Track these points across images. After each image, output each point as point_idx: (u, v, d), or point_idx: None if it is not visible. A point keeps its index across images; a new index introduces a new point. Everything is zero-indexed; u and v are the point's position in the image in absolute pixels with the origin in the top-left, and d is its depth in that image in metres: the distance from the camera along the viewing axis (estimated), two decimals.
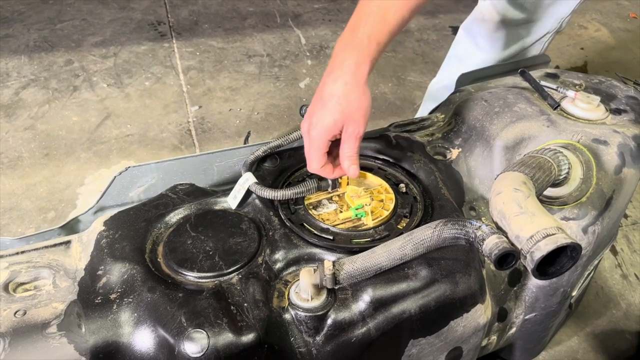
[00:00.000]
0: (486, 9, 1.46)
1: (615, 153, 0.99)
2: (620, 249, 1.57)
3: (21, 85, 2.12)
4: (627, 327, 1.37)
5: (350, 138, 0.90)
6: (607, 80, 1.21)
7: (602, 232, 1.00)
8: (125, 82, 2.17)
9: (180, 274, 0.86)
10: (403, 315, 0.84)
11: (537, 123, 1.04)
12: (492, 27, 1.46)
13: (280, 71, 2.29)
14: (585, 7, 2.89)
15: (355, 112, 0.89)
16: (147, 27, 2.57)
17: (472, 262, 0.88)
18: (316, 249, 0.89)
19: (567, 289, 1.04)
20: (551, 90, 1.13)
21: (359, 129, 0.89)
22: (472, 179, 1.06)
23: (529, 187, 0.78)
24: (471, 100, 1.12)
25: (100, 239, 0.91)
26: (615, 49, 2.59)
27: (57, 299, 0.83)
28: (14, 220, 1.57)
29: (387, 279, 0.83)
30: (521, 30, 1.46)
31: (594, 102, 1.08)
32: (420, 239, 0.79)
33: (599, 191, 0.97)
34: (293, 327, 0.81)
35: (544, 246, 0.68)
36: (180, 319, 0.78)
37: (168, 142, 1.88)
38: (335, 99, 0.88)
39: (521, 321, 1.07)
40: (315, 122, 0.89)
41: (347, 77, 0.88)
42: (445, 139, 1.12)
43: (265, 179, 1.01)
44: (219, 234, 0.92)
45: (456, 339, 0.91)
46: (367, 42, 0.90)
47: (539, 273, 0.71)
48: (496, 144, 1.04)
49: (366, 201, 0.96)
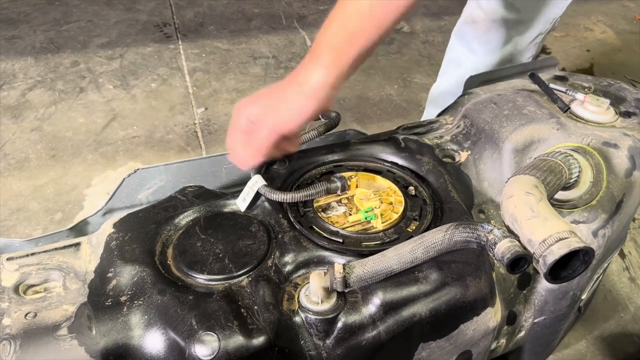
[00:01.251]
0: (475, 11, 1.46)
1: (625, 156, 0.98)
2: (628, 251, 1.57)
3: (28, 86, 2.13)
4: (636, 330, 1.37)
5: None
6: (616, 82, 1.21)
7: (612, 236, 1.00)
8: (132, 83, 2.18)
9: (190, 276, 0.86)
10: (413, 319, 0.83)
11: (546, 126, 1.03)
12: (483, 30, 1.46)
13: (286, 73, 2.29)
14: (591, 9, 2.89)
15: None
16: (152, 28, 2.58)
17: (483, 265, 0.88)
18: (326, 251, 0.89)
19: (577, 292, 1.03)
20: (560, 92, 1.13)
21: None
22: (481, 182, 1.06)
23: (541, 190, 0.78)
24: (480, 102, 1.12)
25: (110, 241, 0.91)
26: (622, 50, 2.59)
27: (67, 301, 0.83)
28: (22, 222, 1.57)
29: (398, 282, 0.83)
30: (513, 32, 1.46)
31: (603, 105, 1.08)
32: (432, 242, 0.79)
33: (609, 194, 0.97)
34: (303, 330, 0.81)
35: (556, 250, 0.68)
36: (191, 322, 0.77)
37: (174, 143, 1.89)
38: None
39: (530, 324, 1.06)
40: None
41: None
42: (454, 141, 1.11)
43: (275, 181, 1.01)
44: (229, 236, 0.92)
45: (466, 342, 0.91)
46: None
47: (551, 277, 0.70)
48: (505, 146, 1.03)
49: (375, 204, 0.96)
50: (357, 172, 1.04)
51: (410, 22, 2.73)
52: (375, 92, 2.20)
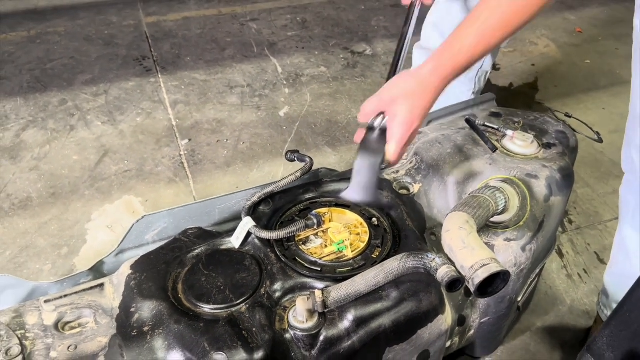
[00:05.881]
0: (422, 37, 1.62)
1: (544, 185, 1.22)
2: (566, 251, 1.82)
3: (21, 127, 2.29)
4: (572, 320, 1.61)
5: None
6: (541, 116, 1.44)
7: (537, 249, 1.23)
8: (118, 118, 2.35)
9: (199, 307, 1.05)
10: (380, 329, 1.05)
11: (481, 161, 1.26)
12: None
13: (261, 101, 2.50)
14: (535, 24, 3.15)
15: None
16: (132, 62, 2.75)
17: (433, 282, 1.09)
18: (307, 279, 1.09)
19: (513, 296, 1.26)
20: (493, 130, 1.36)
21: None
22: (432, 209, 1.28)
23: (471, 224, 1.00)
24: (428, 142, 1.35)
25: (129, 281, 1.10)
26: (563, 63, 2.85)
27: (100, 334, 1.03)
28: (32, 258, 1.74)
29: (366, 301, 1.04)
30: None
31: (528, 140, 1.31)
32: (390, 269, 1.00)
33: (533, 217, 1.20)
34: (293, 344, 1.01)
35: (481, 274, 0.90)
36: (204, 345, 0.97)
37: (164, 175, 2.07)
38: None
39: (478, 324, 1.29)
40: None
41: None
42: (408, 175, 1.33)
43: (261, 219, 1.22)
44: (227, 270, 1.12)
45: (424, 344, 1.13)
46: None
47: (480, 293, 0.93)
48: (449, 180, 1.26)
49: (346, 236, 1.17)
50: (330, 208, 1.24)
51: (372, 44, 2.96)
52: (343, 115, 2.41)
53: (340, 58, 2.85)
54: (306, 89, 2.59)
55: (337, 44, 2.97)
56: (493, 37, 0.99)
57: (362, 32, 3.09)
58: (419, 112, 1.01)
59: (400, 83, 1.03)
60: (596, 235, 1.90)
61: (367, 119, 1.07)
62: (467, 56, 1.00)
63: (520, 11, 0.98)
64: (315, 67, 2.76)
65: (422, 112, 1.01)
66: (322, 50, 2.90)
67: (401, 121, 1.01)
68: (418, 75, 1.01)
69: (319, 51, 2.89)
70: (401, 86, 1.02)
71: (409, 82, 1.01)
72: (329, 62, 2.81)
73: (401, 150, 1.02)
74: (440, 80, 1.00)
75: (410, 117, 1.00)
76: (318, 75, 2.69)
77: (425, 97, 1.00)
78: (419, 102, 1.00)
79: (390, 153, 1.03)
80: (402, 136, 1.01)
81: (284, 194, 1.28)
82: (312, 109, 2.45)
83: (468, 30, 0.99)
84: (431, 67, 1.01)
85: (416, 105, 1.00)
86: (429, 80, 1.00)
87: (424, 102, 1.01)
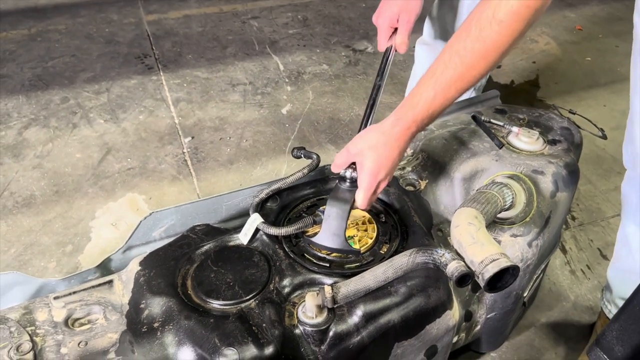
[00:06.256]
0: (424, 33, 1.65)
1: (550, 181, 1.22)
2: (569, 248, 1.83)
3: (23, 125, 2.29)
4: (575, 316, 1.62)
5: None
6: (545, 113, 1.45)
7: (544, 245, 1.24)
8: (121, 116, 2.35)
9: (209, 303, 1.06)
10: (388, 324, 1.05)
11: (487, 158, 1.27)
12: (435, 51, 1.67)
13: (263, 98, 2.50)
14: None
15: None
16: (134, 60, 2.74)
17: (441, 278, 1.10)
18: (316, 275, 1.10)
19: (519, 291, 1.27)
20: (499, 126, 1.37)
21: None
22: (438, 206, 1.29)
23: (480, 220, 1.01)
24: (434, 139, 1.35)
25: (138, 278, 1.10)
26: (563, 61, 2.86)
27: (110, 330, 1.03)
28: (36, 255, 1.74)
29: (375, 296, 1.05)
30: None
31: (533, 137, 1.32)
32: (399, 264, 1.01)
33: (539, 212, 1.21)
34: (302, 340, 1.02)
35: (491, 268, 0.90)
36: (214, 340, 0.98)
37: (167, 173, 2.07)
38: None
39: (484, 320, 1.30)
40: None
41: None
42: (415, 172, 1.34)
43: (269, 216, 1.22)
44: (236, 266, 1.12)
45: (432, 339, 1.14)
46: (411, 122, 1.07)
47: (489, 288, 0.93)
48: (455, 176, 1.27)
49: (354, 232, 1.18)
50: None
51: (373, 42, 2.96)
52: (346, 113, 2.42)
53: (341, 56, 2.85)
54: (308, 86, 2.59)
55: (338, 42, 2.97)
56: (449, 90, 1.04)
57: (363, 29, 3.10)
58: (385, 162, 1.06)
59: (366, 136, 1.09)
60: (599, 231, 1.91)
61: (339, 170, 1.13)
62: (425, 108, 1.05)
63: (476, 65, 1.01)
64: (317, 64, 2.76)
65: (388, 162, 1.07)
66: (324, 48, 2.91)
67: (368, 172, 1.06)
68: (381, 128, 1.08)
69: (321, 49, 2.90)
70: (366, 139, 1.08)
71: (373, 135, 1.08)
72: (330, 59, 2.81)
73: (369, 198, 1.08)
74: (402, 132, 1.06)
75: (376, 167, 1.06)
76: (320, 73, 2.69)
77: (389, 148, 1.06)
78: (384, 152, 1.06)
79: (359, 200, 1.09)
80: (370, 185, 1.07)
81: (291, 190, 1.28)
82: (315, 107, 2.45)
83: (427, 84, 1.05)
84: (393, 119, 1.07)
85: (381, 156, 1.06)
86: (391, 132, 1.06)
87: (389, 153, 1.06)
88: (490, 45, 0.98)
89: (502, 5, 0.95)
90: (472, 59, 1.00)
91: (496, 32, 0.96)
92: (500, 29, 0.96)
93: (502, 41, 0.97)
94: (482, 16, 0.97)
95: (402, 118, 1.06)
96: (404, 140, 1.07)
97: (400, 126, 1.06)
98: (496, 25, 0.96)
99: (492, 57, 1.00)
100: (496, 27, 0.96)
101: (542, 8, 0.96)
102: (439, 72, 1.03)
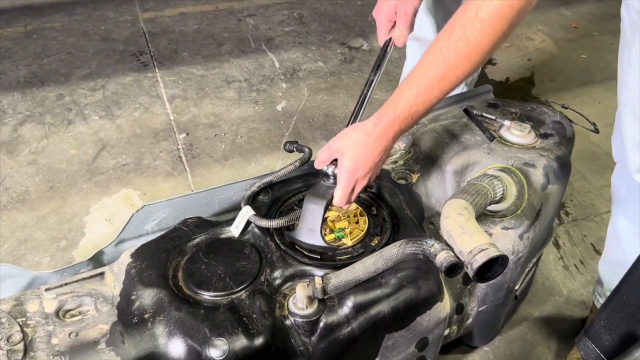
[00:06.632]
0: (415, 29, 1.67)
1: (541, 174, 1.23)
2: (563, 243, 1.83)
3: (18, 121, 2.29)
4: (568, 310, 1.62)
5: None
6: (538, 107, 1.45)
7: (535, 237, 1.24)
8: (116, 113, 2.35)
9: (200, 294, 1.06)
10: (379, 316, 1.06)
11: (479, 151, 1.27)
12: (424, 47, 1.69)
13: (258, 95, 2.50)
14: (531, 19, 3.17)
15: None
16: (129, 57, 2.74)
17: (431, 269, 1.11)
18: (307, 266, 1.10)
19: (510, 284, 1.28)
20: (491, 120, 1.37)
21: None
22: (430, 199, 1.29)
23: (469, 211, 1.01)
24: (426, 132, 1.35)
25: (129, 269, 1.11)
26: (559, 58, 2.87)
27: (101, 321, 1.03)
28: (30, 251, 1.74)
29: (365, 287, 1.05)
30: None
31: (525, 130, 1.32)
32: (389, 255, 1.01)
33: (530, 205, 1.21)
34: (293, 331, 1.02)
35: (480, 258, 0.90)
36: (204, 331, 0.98)
37: (161, 169, 2.07)
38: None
39: (476, 313, 1.30)
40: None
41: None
42: (407, 165, 1.34)
43: (261, 209, 1.22)
44: (227, 258, 1.12)
45: (422, 331, 1.14)
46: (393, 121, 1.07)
47: (478, 278, 0.93)
48: (447, 169, 1.27)
49: (345, 225, 1.18)
50: None
51: (369, 39, 2.97)
52: (340, 110, 2.42)
53: (337, 53, 2.86)
54: (303, 83, 2.59)
55: (334, 39, 2.98)
56: (432, 90, 1.03)
57: (359, 27, 3.10)
58: (363, 161, 1.07)
59: (348, 134, 1.09)
60: (592, 226, 1.91)
61: (321, 166, 1.13)
62: (407, 108, 1.04)
63: (459, 64, 1.00)
64: (312, 62, 2.77)
65: (367, 161, 1.07)
66: (319, 46, 2.91)
67: (346, 169, 1.07)
68: (363, 126, 1.08)
69: (316, 46, 2.90)
70: (347, 137, 1.09)
71: (354, 133, 1.08)
72: (326, 57, 2.82)
73: (347, 195, 1.09)
74: (383, 131, 1.06)
75: (354, 166, 1.06)
76: (315, 70, 2.70)
77: (368, 147, 1.06)
78: (363, 151, 1.06)
79: (336, 197, 1.09)
80: (347, 183, 1.07)
81: (283, 183, 1.29)
82: (310, 104, 2.46)
83: (410, 83, 1.04)
84: (375, 118, 1.07)
85: (361, 154, 1.06)
86: (372, 131, 1.06)
87: (368, 152, 1.06)
88: (473, 44, 0.97)
89: (485, 4, 0.93)
90: (455, 59, 0.99)
91: (479, 31, 0.95)
92: (483, 28, 0.95)
93: (485, 41, 0.96)
94: (465, 15, 0.96)
95: (384, 117, 1.06)
96: (386, 139, 1.07)
97: (382, 125, 1.06)
98: (479, 25, 0.94)
99: (475, 57, 0.98)
100: (479, 26, 0.95)
101: (526, 8, 0.95)
102: (422, 71, 1.03)
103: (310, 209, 1.11)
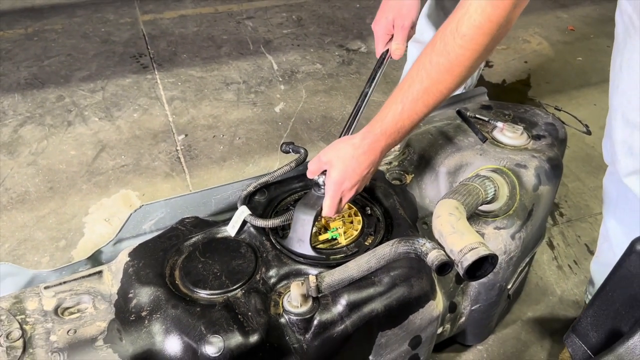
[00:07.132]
0: (417, 31, 1.69)
1: (533, 175, 1.25)
2: (557, 243, 1.85)
3: (18, 122, 2.31)
4: (562, 310, 1.64)
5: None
6: (531, 109, 1.47)
7: (527, 237, 1.26)
8: (115, 114, 2.37)
9: (196, 292, 1.08)
10: (372, 314, 1.07)
11: (472, 152, 1.29)
12: None
13: (257, 97, 2.52)
14: (528, 22, 3.19)
15: None
16: (129, 59, 2.77)
17: (424, 268, 1.12)
18: (301, 265, 1.12)
19: (503, 283, 1.29)
20: (484, 122, 1.39)
21: None
22: (423, 199, 1.31)
23: (461, 211, 1.03)
24: (420, 134, 1.37)
25: (127, 268, 1.12)
26: (555, 61, 2.89)
27: (99, 319, 1.05)
28: (30, 250, 1.76)
29: (359, 286, 1.07)
30: None
31: (517, 132, 1.34)
32: (382, 254, 1.03)
33: (522, 205, 1.23)
34: (287, 328, 1.04)
35: (470, 257, 0.92)
36: (200, 328, 1.00)
37: (160, 170, 2.09)
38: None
39: (469, 311, 1.32)
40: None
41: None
42: (401, 166, 1.36)
43: (257, 209, 1.24)
44: (223, 257, 1.14)
45: (415, 329, 1.16)
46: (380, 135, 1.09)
47: (468, 276, 0.95)
48: (440, 170, 1.29)
49: (339, 224, 1.20)
50: None
51: (367, 42, 2.99)
52: (338, 111, 2.44)
53: (335, 55, 2.88)
54: (301, 85, 2.62)
55: (332, 42, 3.00)
56: (416, 104, 1.04)
57: (357, 29, 3.12)
58: (350, 174, 1.09)
59: (336, 146, 1.12)
60: (586, 227, 1.93)
61: (312, 176, 1.16)
62: (393, 122, 1.06)
63: (441, 79, 1.01)
64: (310, 64, 2.79)
65: (354, 174, 1.09)
66: (318, 48, 2.93)
67: (333, 181, 1.09)
68: (352, 140, 1.10)
69: (314, 48, 2.92)
70: (336, 149, 1.11)
71: (342, 146, 1.10)
72: (324, 59, 2.84)
73: (335, 206, 1.11)
74: (370, 145, 1.08)
75: (340, 178, 1.08)
76: (313, 72, 2.72)
77: (355, 160, 1.08)
78: (350, 164, 1.08)
79: (324, 208, 1.12)
80: (334, 194, 1.10)
81: (279, 184, 1.31)
82: (308, 105, 2.48)
83: (396, 97, 1.06)
84: (363, 133, 1.09)
85: (348, 167, 1.08)
86: (359, 144, 1.08)
87: (355, 165, 1.08)
88: (455, 59, 0.97)
89: (465, 19, 0.94)
90: (437, 74, 1.00)
91: (460, 45, 0.96)
92: (463, 42, 0.95)
93: (466, 55, 0.97)
94: (447, 30, 0.97)
95: (371, 131, 1.08)
96: (374, 153, 1.08)
97: (369, 139, 1.08)
98: (459, 39, 0.95)
99: (457, 71, 0.99)
100: (459, 41, 0.95)
101: (506, 23, 0.95)
102: (407, 85, 1.04)
103: (301, 219, 1.13)
